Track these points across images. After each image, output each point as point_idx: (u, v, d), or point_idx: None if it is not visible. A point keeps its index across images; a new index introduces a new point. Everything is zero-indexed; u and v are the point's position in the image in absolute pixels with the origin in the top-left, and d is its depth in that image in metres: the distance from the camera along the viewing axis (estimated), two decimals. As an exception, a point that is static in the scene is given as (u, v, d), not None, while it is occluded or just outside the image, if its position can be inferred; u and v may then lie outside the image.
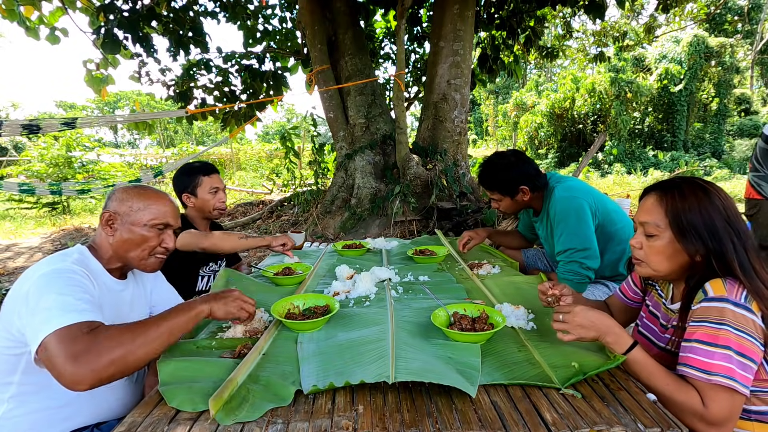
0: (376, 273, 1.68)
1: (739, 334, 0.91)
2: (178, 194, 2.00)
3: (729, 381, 0.90)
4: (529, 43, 6.36)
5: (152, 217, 1.20)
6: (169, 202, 1.26)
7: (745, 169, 14.12)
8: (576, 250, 1.79)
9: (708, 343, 0.93)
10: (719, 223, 0.99)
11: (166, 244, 1.24)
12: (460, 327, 1.17)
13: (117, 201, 1.20)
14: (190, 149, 15.91)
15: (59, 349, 0.87)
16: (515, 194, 1.92)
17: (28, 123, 3.44)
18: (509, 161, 1.92)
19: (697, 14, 9.87)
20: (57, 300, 0.95)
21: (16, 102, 28.98)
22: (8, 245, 5.96)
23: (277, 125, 34.49)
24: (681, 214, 1.01)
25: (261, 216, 6.36)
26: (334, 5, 4.91)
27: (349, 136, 5.00)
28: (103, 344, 0.88)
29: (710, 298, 0.96)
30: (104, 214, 1.19)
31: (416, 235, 4.37)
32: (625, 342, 1.01)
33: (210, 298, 1.13)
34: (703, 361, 0.93)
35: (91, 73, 5.53)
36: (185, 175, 1.98)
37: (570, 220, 1.80)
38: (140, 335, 0.93)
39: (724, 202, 1.01)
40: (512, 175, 1.89)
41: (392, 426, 0.82)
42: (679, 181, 1.06)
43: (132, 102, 30.02)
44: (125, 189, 1.23)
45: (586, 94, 15.48)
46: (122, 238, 1.18)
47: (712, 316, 0.94)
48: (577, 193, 1.83)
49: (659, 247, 1.05)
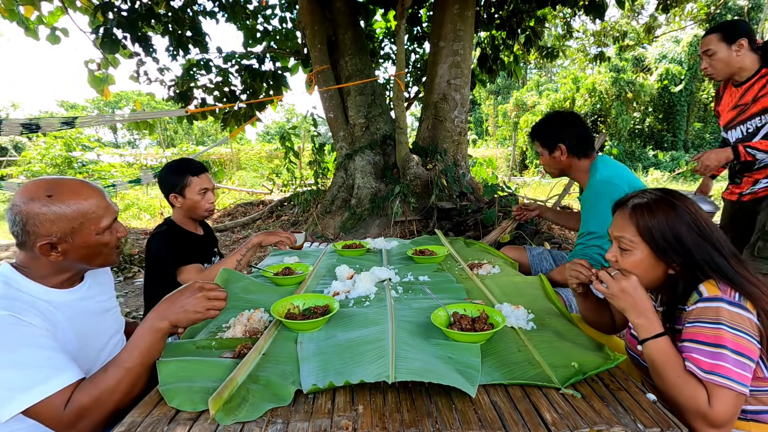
0: (376, 273, 1.68)
1: (735, 332, 0.92)
2: (165, 194, 1.90)
3: (725, 380, 0.90)
4: (529, 43, 6.36)
5: (100, 223, 1.06)
6: (98, 193, 1.08)
7: (745, 169, 14.10)
8: (598, 236, 1.78)
9: (704, 343, 0.94)
10: (689, 236, 1.01)
11: (120, 234, 1.13)
12: (460, 327, 1.17)
13: (46, 223, 0.98)
14: (190, 149, 15.91)
15: (43, 421, 0.89)
16: (553, 149, 1.94)
17: (27, 122, 3.44)
18: (559, 115, 1.98)
19: (697, 14, 9.86)
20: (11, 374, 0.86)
21: (16, 102, 28.97)
22: (8, 245, 5.97)
23: (277, 125, 34.49)
24: (652, 230, 1.03)
25: (261, 216, 6.36)
26: (334, 5, 4.91)
27: (349, 136, 5.00)
28: (90, 411, 0.91)
29: (705, 299, 0.98)
30: (38, 244, 0.98)
31: (416, 235, 4.37)
32: (652, 329, 1.01)
33: (166, 310, 1.00)
34: (701, 360, 0.94)
35: (93, 73, 5.54)
36: (173, 174, 1.88)
37: (602, 205, 1.73)
38: (119, 385, 0.94)
39: (692, 214, 1.03)
40: (553, 127, 1.93)
41: (392, 426, 0.82)
42: (647, 196, 1.08)
43: (132, 102, 30.01)
44: (39, 203, 0.98)
45: (586, 94, 15.48)
46: (78, 255, 1.05)
47: (707, 317, 0.96)
48: (619, 181, 1.78)
49: (635, 262, 1.07)
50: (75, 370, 0.94)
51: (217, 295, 1.06)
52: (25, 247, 1.01)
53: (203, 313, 1.03)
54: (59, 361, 0.93)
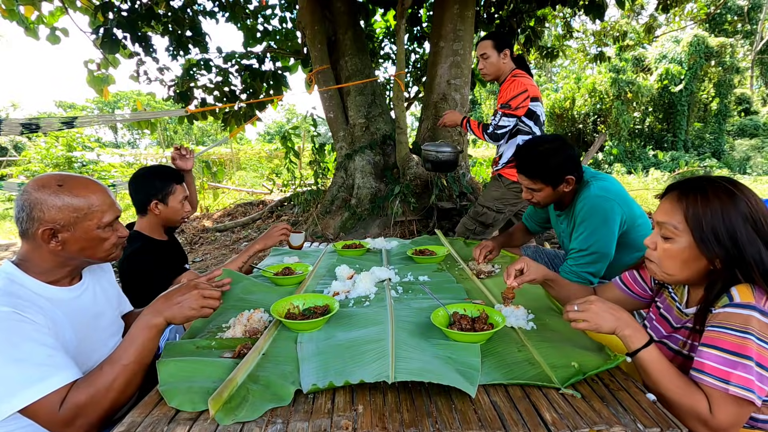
0: (376, 273, 1.68)
1: (762, 344, 0.86)
2: (142, 200, 1.77)
3: (747, 393, 0.85)
4: (529, 43, 6.36)
5: (103, 217, 1.08)
6: (105, 190, 1.12)
7: (745, 169, 14.13)
8: (589, 253, 1.70)
9: (729, 352, 0.88)
10: (743, 230, 0.92)
11: (121, 234, 1.15)
12: (460, 327, 1.17)
13: (52, 209, 1.01)
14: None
15: (39, 420, 0.89)
16: (559, 183, 1.72)
17: (27, 122, 3.44)
18: (556, 145, 1.71)
19: (697, 14, 9.87)
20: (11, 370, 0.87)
21: (16, 102, 28.96)
22: (8, 245, 5.97)
23: (277, 125, 34.48)
24: (702, 218, 0.94)
25: (261, 216, 6.36)
26: (334, 5, 4.91)
27: (349, 136, 5.00)
28: (86, 410, 0.90)
29: (736, 304, 0.90)
30: (40, 230, 1.00)
31: (416, 235, 4.37)
32: (642, 337, 0.97)
33: (162, 306, 1.03)
34: (723, 370, 0.88)
35: (92, 73, 5.54)
36: (156, 179, 1.77)
37: (595, 221, 1.68)
38: (115, 382, 0.94)
39: (752, 207, 0.93)
40: (562, 160, 1.69)
41: (392, 426, 0.82)
42: (705, 182, 0.99)
43: (133, 102, 30.02)
44: (50, 191, 1.02)
45: (586, 94, 15.49)
46: (77, 247, 1.06)
47: (735, 323, 0.88)
48: (613, 197, 1.69)
49: (674, 251, 0.99)
50: (73, 369, 0.95)
51: (212, 294, 1.08)
52: (27, 236, 1.03)
53: (198, 310, 1.05)
54: (59, 359, 0.93)
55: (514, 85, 2.44)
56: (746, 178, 12.83)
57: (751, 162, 14.50)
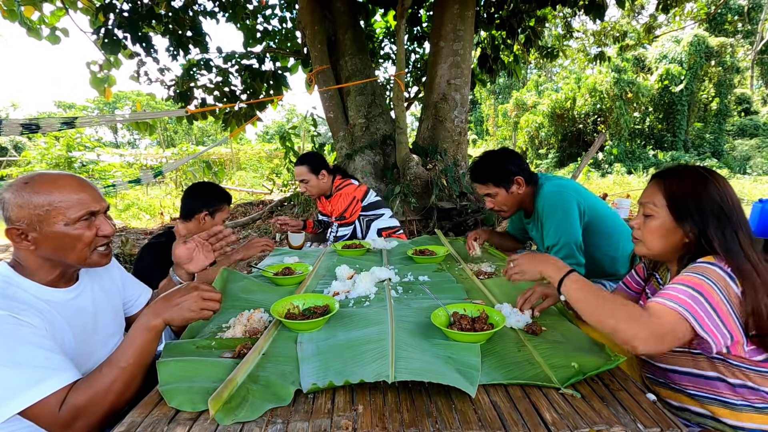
0: (376, 273, 1.68)
1: (713, 287, 0.95)
2: (193, 207, 1.88)
3: (684, 311, 0.93)
4: (529, 43, 6.36)
5: (69, 213, 1.01)
6: (78, 184, 1.05)
7: (745, 169, 14.13)
8: (561, 246, 1.82)
9: (681, 284, 0.98)
10: (709, 206, 1.05)
11: (102, 231, 1.07)
12: (460, 327, 1.17)
13: (15, 208, 0.98)
14: (190, 149, 15.90)
15: (39, 422, 0.88)
16: (510, 185, 1.91)
17: (27, 122, 3.44)
18: (500, 151, 1.98)
19: (697, 14, 9.86)
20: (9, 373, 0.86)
21: (16, 102, 28.95)
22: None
23: (277, 125, 34.47)
24: (677, 195, 1.09)
25: (261, 216, 6.36)
26: (334, 5, 4.91)
27: (349, 136, 5.00)
28: (85, 412, 0.90)
29: (700, 261, 1.02)
30: (9, 231, 0.99)
31: (416, 235, 4.37)
32: (562, 267, 1.10)
33: (161, 308, 1.01)
34: (670, 294, 0.97)
35: (95, 74, 5.54)
36: (213, 193, 1.91)
37: (557, 214, 1.84)
38: (114, 384, 0.93)
39: (720, 189, 1.07)
40: (505, 163, 1.91)
41: (392, 426, 0.82)
42: (681, 168, 1.14)
43: (133, 102, 30.01)
44: (15, 189, 0.99)
45: (587, 94, 15.48)
46: (49, 247, 1.01)
47: (696, 270, 0.99)
48: (565, 190, 1.87)
49: (655, 227, 1.12)
50: (72, 371, 0.94)
51: (212, 296, 1.07)
52: (8, 237, 1.01)
53: (197, 312, 1.04)
54: (57, 361, 0.93)
55: (343, 198, 2.69)
56: (746, 177, 12.82)
57: (751, 162, 14.51)
